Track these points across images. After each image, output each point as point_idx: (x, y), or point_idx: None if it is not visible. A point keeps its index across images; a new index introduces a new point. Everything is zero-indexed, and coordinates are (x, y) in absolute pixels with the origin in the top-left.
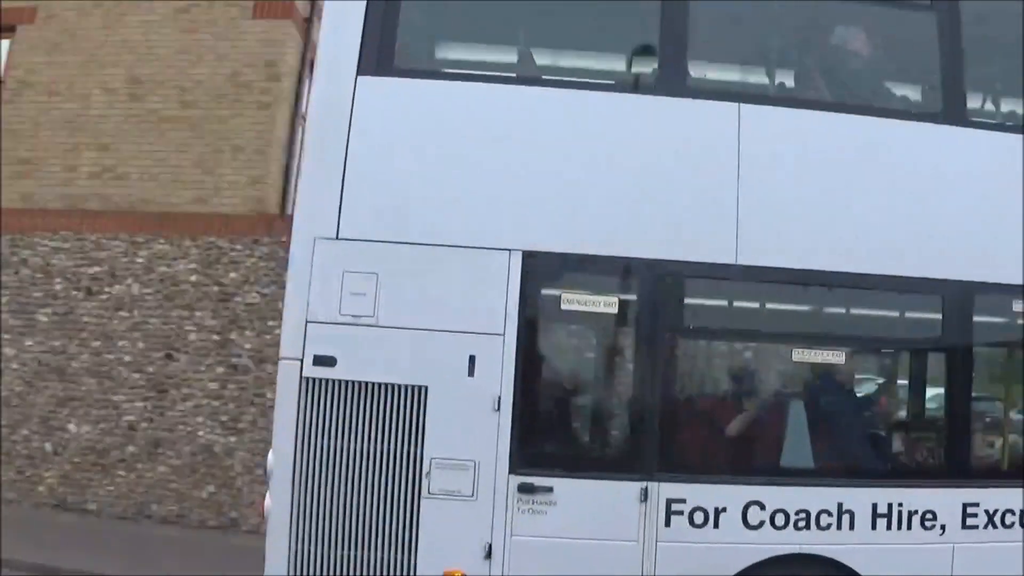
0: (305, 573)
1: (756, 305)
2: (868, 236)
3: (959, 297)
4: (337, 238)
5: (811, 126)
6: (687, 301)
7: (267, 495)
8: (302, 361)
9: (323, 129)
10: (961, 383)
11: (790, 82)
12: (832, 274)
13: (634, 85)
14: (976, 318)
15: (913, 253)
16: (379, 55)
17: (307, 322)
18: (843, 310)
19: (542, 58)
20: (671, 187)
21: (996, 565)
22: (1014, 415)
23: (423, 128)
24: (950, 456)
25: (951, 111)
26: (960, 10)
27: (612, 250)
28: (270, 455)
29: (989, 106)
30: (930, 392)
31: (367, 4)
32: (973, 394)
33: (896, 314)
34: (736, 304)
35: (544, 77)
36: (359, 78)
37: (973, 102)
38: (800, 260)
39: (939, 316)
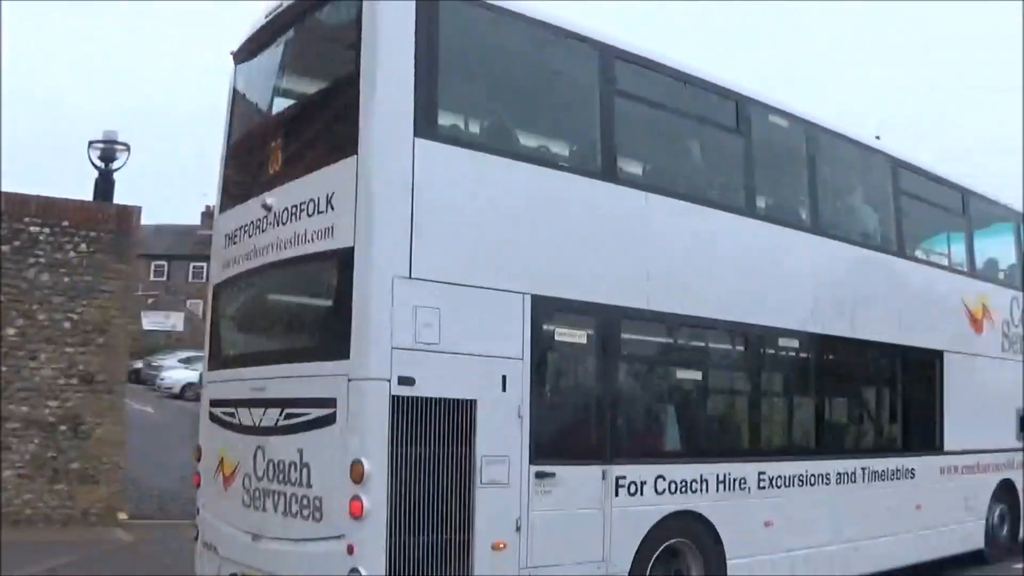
0: (398, 556)
1: (662, 338)
2: (720, 294)
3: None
4: (410, 277)
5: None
6: (623, 336)
7: (362, 495)
8: (390, 382)
9: (390, 183)
10: (759, 389)
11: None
12: (705, 319)
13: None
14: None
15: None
16: (429, 121)
17: (392, 348)
18: (706, 344)
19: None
20: (612, 252)
21: (798, 509)
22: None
23: (466, 191)
24: (755, 440)
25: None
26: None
27: (583, 296)
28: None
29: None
30: (756, 396)
31: (415, 73)
32: (772, 394)
33: (729, 347)
34: (648, 337)
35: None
36: (416, 140)
37: None
38: (688, 309)
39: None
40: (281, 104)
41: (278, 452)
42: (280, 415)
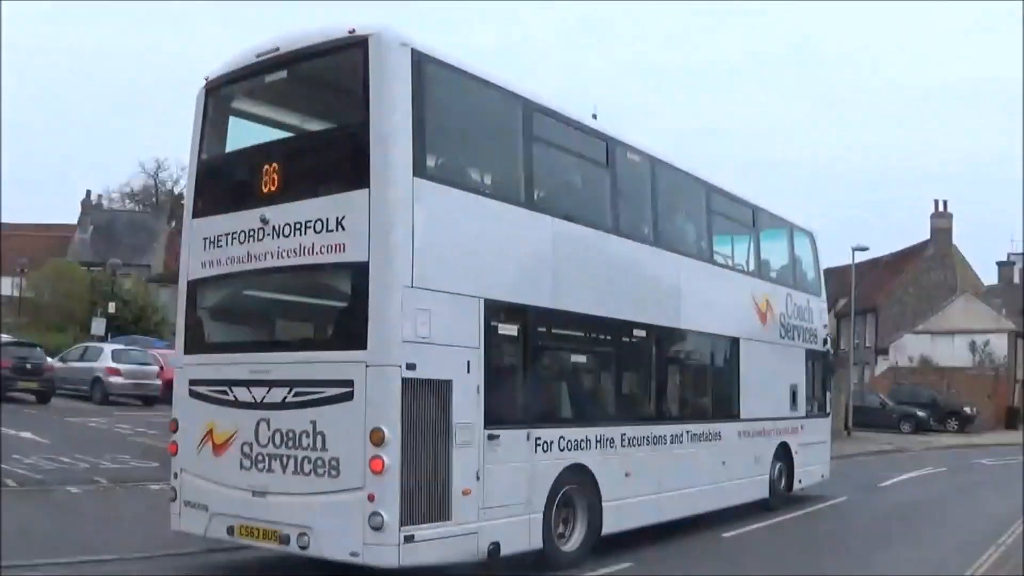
0: (406, 502)
1: (561, 331)
2: (596, 295)
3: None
4: (412, 287)
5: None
6: (538, 329)
7: (382, 455)
8: (401, 367)
9: (399, 213)
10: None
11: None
12: (587, 315)
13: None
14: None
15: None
16: (422, 163)
17: (403, 342)
18: (588, 334)
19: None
20: (532, 263)
21: (646, 463)
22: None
23: (444, 218)
24: (619, 409)
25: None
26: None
27: (514, 298)
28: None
29: None
30: (619, 374)
31: (412, 124)
32: (630, 371)
33: (603, 336)
34: (553, 330)
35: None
36: (415, 179)
37: None
38: (577, 308)
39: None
40: (271, 134)
41: (287, 423)
42: (289, 393)
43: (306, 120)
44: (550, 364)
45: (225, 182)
